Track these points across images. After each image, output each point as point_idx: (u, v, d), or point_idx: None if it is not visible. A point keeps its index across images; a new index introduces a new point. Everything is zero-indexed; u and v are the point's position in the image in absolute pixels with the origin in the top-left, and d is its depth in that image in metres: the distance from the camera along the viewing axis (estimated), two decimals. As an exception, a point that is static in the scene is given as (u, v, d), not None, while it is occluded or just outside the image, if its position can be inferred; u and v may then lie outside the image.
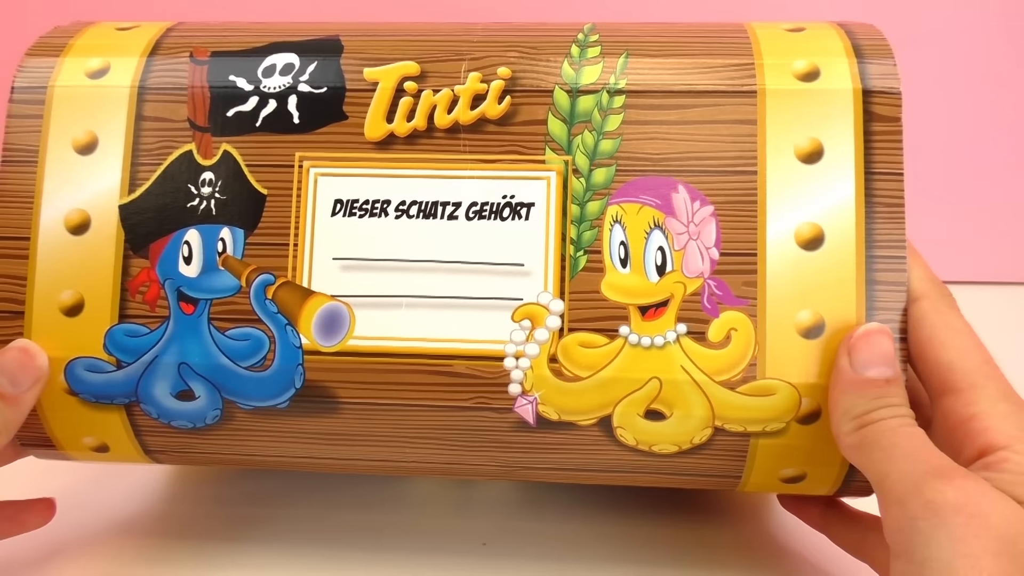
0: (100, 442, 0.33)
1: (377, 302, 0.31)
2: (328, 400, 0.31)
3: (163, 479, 0.41)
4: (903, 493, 0.26)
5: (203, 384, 0.32)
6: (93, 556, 0.36)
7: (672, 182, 0.31)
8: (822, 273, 0.30)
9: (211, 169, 0.32)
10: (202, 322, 0.32)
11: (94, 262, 0.32)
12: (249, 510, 0.39)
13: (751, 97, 0.31)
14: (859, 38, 0.32)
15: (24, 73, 0.34)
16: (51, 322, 0.32)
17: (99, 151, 0.33)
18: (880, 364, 0.28)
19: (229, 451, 0.33)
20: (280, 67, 0.33)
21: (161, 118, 0.33)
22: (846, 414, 0.28)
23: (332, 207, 0.32)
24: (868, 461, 0.28)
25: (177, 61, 0.33)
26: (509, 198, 0.31)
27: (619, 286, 0.31)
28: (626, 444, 0.31)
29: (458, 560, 0.36)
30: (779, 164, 0.30)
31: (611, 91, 0.32)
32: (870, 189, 0.30)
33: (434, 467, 0.33)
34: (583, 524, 0.38)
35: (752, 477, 0.31)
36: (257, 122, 0.32)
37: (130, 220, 0.32)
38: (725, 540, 0.37)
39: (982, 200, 0.56)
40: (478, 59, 0.32)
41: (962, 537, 0.24)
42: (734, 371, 0.30)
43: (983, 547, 0.24)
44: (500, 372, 0.31)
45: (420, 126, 0.32)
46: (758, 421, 0.30)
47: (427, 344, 0.31)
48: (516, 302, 0.31)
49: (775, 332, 0.30)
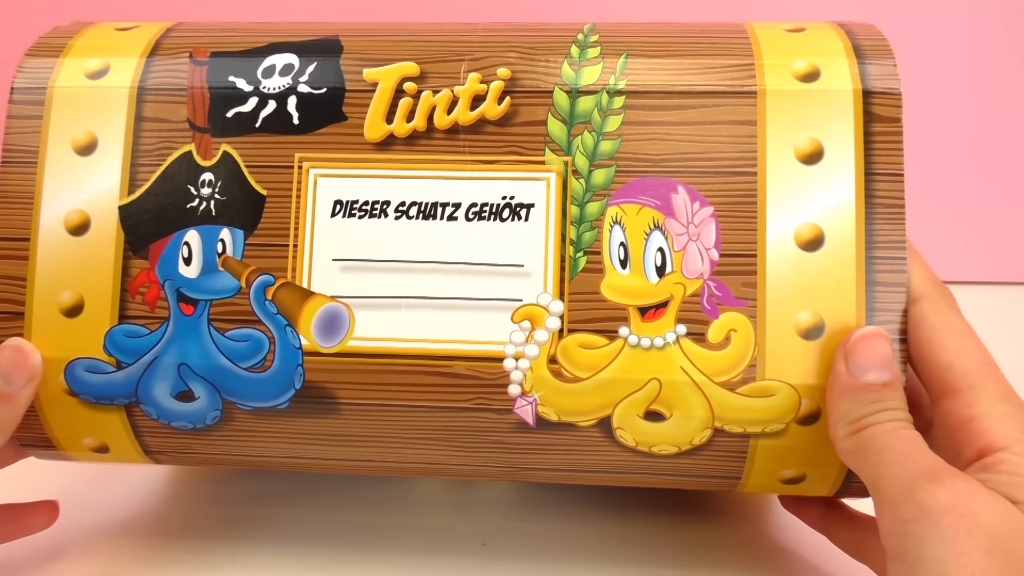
0: (100, 443, 0.33)
1: (377, 303, 0.31)
2: (328, 401, 0.31)
3: (163, 479, 0.41)
4: (895, 496, 0.26)
5: (203, 385, 0.32)
6: (93, 556, 0.36)
7: (672, 183, 0.31)
8: (822, 274, 0.30)
9: (211, 170, 0.32)
10: (202, 323, 0.32)
11: (94, 263, 0.32)
12: (248, 510, 0.39)
13: (751, 98, 0.31)
14: (859, 38, 0.32)
15: (24, 73, 0.34)
16: (51, 323, 0.32)
17: (99, 152, 0.33)
18: (877, 368, 0.28)
19: (229, 452, 0.33)
20: (280, 68, 0.33)
21: (161, 119, 0.33)
22: (842, 419, 0.28)
23: (332, 208, 0.32)
24: (863, 465, 0.28)
25: (177, 62, 0.33)
26: (509, 199, 0.31)
27: (619, 287, 0.31)
28: (626, 445, 0.31)
29: (458, 560, 0.36)
30: (779, 165, 0.30)
31: (611, 92, 0.32)
32: (870, 190, 0.30)
33: (433, 468, 0.33)
34: (582, 524, 0.38)
35: (752, 478, 0.31)
36: (257, 123, 0.32)
37: (130, 221, 0.32)
38: (725, 540, 0.37)
39: (982, 200, 0.56)
40: (478, 60, 0.32)
41: (954, 536, 0.24)
42: (734, 372, 0.30)
43: (975, 545, 0.24)
44: (500, 373, 0.31)
45: (420, 127, 0.32)
46: (758, 422, 0.30)
47: (427, 345, 0.31)
48: (516, 303, 0.31)
49: (775, 333, 0.30)
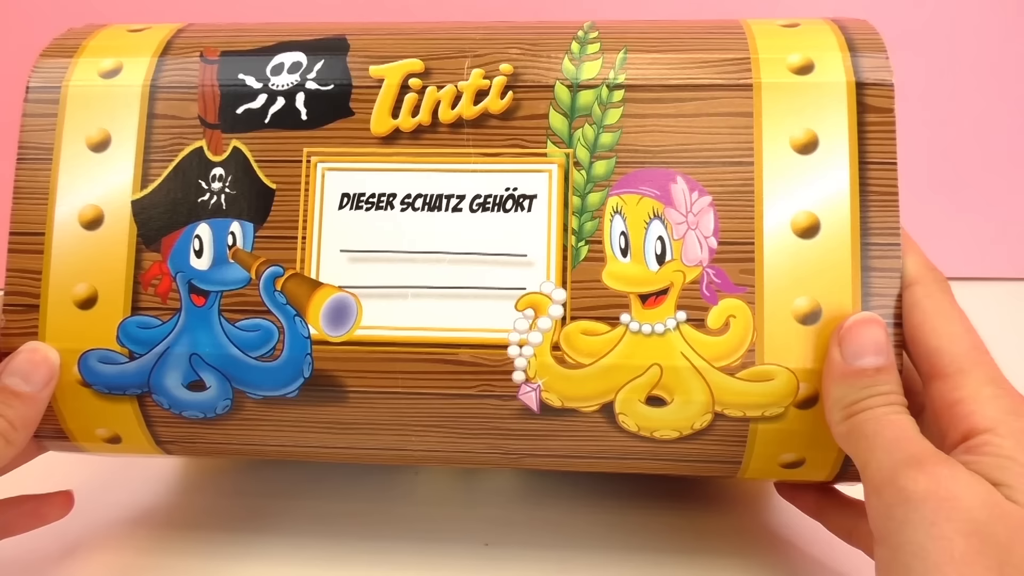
0: (112, 433, 0.34)
1: (384, 293, 0.32)
2: (336, 389, 0.32)
3: (175, 473, 0.42)
4: (880, 482, 0.26)
5: (214, 374, 0.32)
6: (107, 547, 0.37)
7: (671, 173, 0.32)
8: (818, 261, 0.30)
9: (221, 165, 0.33)
10: (213, 314, 0.32)
11: (107, 256, 0.33)
12: (259, 501, 0.40)
13: (747, 91, 0.32)
14: (852, 33, 0.33)
15: (39, 73, 0.34)
16: (65, 315, 0.33)
17: (112, 148, 0.34)
18: (870, 353, 0.28)
19: (239, 441, 0.34)
20: (288, 65, 0.34)
21: (172, 116, 0.34)
22: (837, 403, 0.29)
23: (339, 201, 0.33)
24: (855, 449, 0.28)
25: (188, 61, 0.34)
26: (512, 190, 0.32)
27: (620, 275, 0.31)
28: (628, 430, 0.31)
29: (463, 552, 0.36)
30: (775, 155, 0.31)
31: (611, 86, 0.32)
32: (864, 178, 0.31)
33: (439, 455, 0.34)
34: (584, 512, 0.38)
35: (752, 462, 0.32)
36: (266, 119, 0.33)
37: (142, 215, 0.33)
38: (724, 528, 0.38)
39: (981, 197, 0.57)
40: (481, 56, 0.33)
41: (934, 521, 0.24)
42: (733, 357, 0.31)
43: (955, 529, 0.24)
44: (504, 360, 0.31)
45: (424, 121, 0.33)
46: (757, 406, 0.31)
47: (432, 333, 0.32)
48: (519, 291, 0.31)
49: (773, 318, 0.30)
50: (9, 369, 0.31)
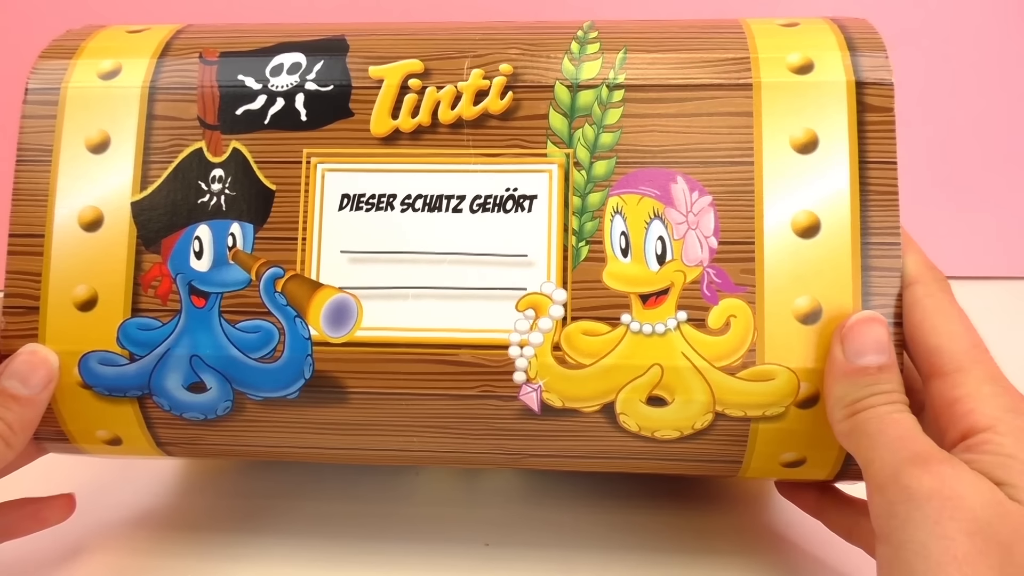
0: (113, 435, 0.34)
1: (384, 294, 0.32)
2: (337, 390, 0.32)
3: (176, 474, 0.42)
4: (883, 480, 0.26)
5: (214, 376, 0.32)
6: (108, 549, 0.37)
7: (671, 173, 0.32)
8: (819, 260, 0.30)
9: (221, 166, 0.33)
10: (213, 315, 0.32)
11: (107, 258, 0.33)
12: (259, 502, 0.40)
13: (747, 90, 0.32)
14: (851, 32, 0.33)
15: (38, 74, 0.34)
16: (65, 317, 0.33)
17: (111, 150, 0.34)
18: (872, 352, 0.29)
19: (240, 442, 0.34)
20: (287, 66, 0.34)
21: (172, 117, 0.34)
22: (839, 402, 0.29)
23: (339, 201, 0.33)
24: (857, 448, 0.28)
25: (187, 62, 0.34)
26: (512, 191, 0.32)
27: (620, 275, 0.31)
28: (629, 430, 0.31)
29: (464, 552, 0.36)
30: (775, 154, 0.31)
31: (610, 86, 0.32)
32: (864, 178, 0.31)
33: (440, 455, 0.34)
34: (584, 512, 0.38)
35: (753, 462, 0.32)
36: (265, 120, 0.33)
37: (142, 216, 0.33)
38: (724, 527, 0.38)
39: (981, 196, 0.57)
40: (480, 56, 0.33)
41: (937, 520, 0.24)
42: (734, 357, 0.31)
43: (958, 528, 0.24)
44: (505, 360, 0.31)
45: (424, 122, 0.33)
46: (758, 406, 0.31)
47: (433, 334, 0.32)
48: (520, 292, 0.31)
49: (773, 318, 0.30)
50: (8, 372, 0.31)
